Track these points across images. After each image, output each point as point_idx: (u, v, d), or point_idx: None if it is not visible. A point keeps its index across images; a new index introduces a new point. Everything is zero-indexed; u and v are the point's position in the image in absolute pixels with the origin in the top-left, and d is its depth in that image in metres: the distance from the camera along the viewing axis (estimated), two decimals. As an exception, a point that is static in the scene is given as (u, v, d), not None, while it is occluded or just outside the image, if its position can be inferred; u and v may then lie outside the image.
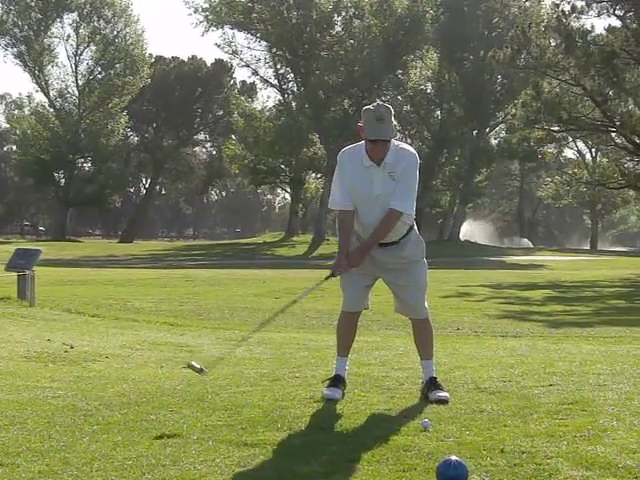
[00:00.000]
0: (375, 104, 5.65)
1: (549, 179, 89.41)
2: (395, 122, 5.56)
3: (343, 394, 5.69)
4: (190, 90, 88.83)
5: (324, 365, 6.90)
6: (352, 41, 64.45)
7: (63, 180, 75.08)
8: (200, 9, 63.39)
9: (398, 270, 5.80)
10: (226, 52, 67.90)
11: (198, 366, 5.55)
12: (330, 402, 5.48)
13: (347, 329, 5.98)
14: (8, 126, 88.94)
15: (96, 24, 73.29)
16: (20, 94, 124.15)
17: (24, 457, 4.24)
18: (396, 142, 5.66)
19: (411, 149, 5.75)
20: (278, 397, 5.67)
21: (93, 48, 73.72)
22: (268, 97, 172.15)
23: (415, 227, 5.88)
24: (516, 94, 55.31)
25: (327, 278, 5.80)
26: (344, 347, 5.96)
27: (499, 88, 66.40)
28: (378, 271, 5.84)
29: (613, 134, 38.81)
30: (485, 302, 19.38)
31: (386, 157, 5.57)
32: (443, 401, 5.44)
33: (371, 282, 5.92)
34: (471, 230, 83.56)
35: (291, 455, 4.28)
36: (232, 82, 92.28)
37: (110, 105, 72.86)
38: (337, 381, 5.77)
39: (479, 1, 63.95)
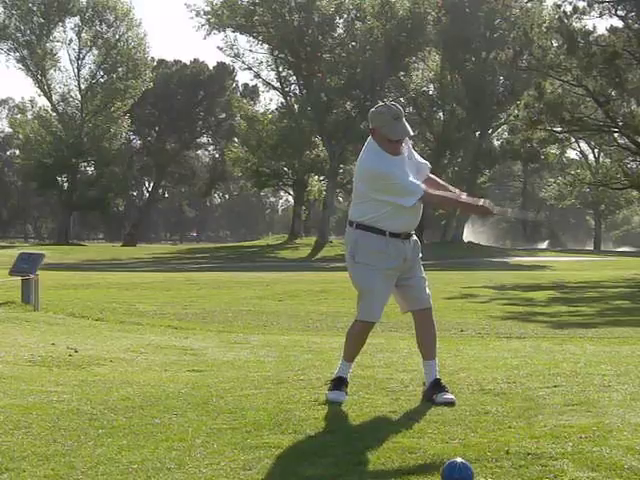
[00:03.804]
0: (385, 104, 5.71)
1: (552, 180, 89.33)
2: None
3: (346, 394, 5.68)
4: (192, 93, 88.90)
5: (329, 367, 6.89)
6: (354, 43, 64.46)
7: (66, 184, 75.20)
8: (202, 12, 63.49)
9: (413, 261, 5.76)
10: (228, 55, 68.01)
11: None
12: (335, 404, 5.47)
13: (364, 339, 5.89)
14: (11, 130, 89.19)
15: (98, 28, 73.39)
16: (23, 98, 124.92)
17: (29, 461, 4.24)
18: None
19: None
20: (283, 400, 5.67)
21: (95, 52, 73.85)
22: (270, 100, 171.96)
23: None
24: (518, 95, 55.21)
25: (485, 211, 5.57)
26: (355, 356, 5.93)
27: (501, 89, 66.37)
28: (404, 268, 5.73)
29: (616, 134, 38.82)
30: (489, 303, 19.38)
31: None
32: (450, 403, 5.42)
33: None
34: (475, 232, 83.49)
35: (296, 458, 4.28)
36: (234, 85, 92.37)
37: (112, 109, 72.96)
38: (341, 383, 5.74)
39: (481, 2, 63.94)
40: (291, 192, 79.99)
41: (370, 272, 5.62)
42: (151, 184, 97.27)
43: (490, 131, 70.06)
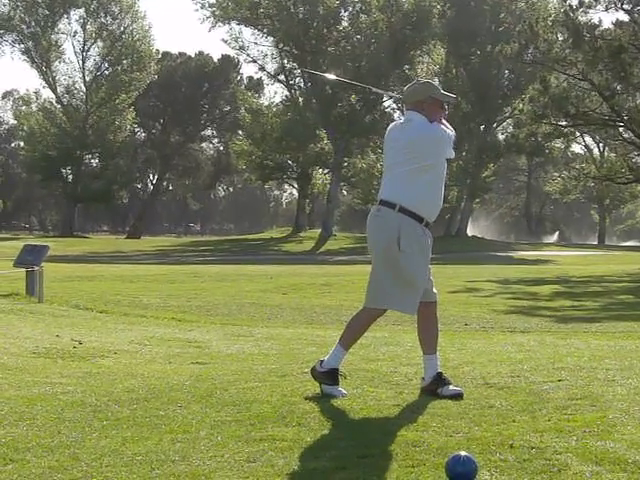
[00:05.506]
0: (418, 80, 5.92)
1: (556, 174, 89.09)
2: None
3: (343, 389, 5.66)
4: (197, 86, 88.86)
5: (332, 361, 6.87)
6: (359, 36, 64.42)
7: (70, 176, 75.33)
8: (207, 5, 63.55)
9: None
10: (233, 48, 68.07)
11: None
12: (337, 398, 5.47)
13: (368, 328, 5.87)
14: (16, 122, 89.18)
15: (103, 20, 73.44)
16: (27, 90, 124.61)
17: (34, 453, 4.25)
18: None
19: None
20: (287, 393, 5.67)
21: (100, 44, 73.89)
22: (275, 93, 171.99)
23: None
24: (523, 89, 55.18)
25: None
26: (353, 344, 5.91)
27: (506, 83, 66.30)
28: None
29: (621, 129, 38.66)
30: (493, 297, 19.38)
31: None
32: (458, 395, 5.40)
33: None
34: (479, 226, 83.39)
35: (300, 450, 4.28)
36: (239, 78, 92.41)
37: (117, 101, 73.00)
38: (337, 377, 5.66)
39: (486, -4, 63.85)
40: (295, 185, 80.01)
41: (418, 261, 5.50)
42: (155, 177, 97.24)
43: (495, 125, 69.96)
